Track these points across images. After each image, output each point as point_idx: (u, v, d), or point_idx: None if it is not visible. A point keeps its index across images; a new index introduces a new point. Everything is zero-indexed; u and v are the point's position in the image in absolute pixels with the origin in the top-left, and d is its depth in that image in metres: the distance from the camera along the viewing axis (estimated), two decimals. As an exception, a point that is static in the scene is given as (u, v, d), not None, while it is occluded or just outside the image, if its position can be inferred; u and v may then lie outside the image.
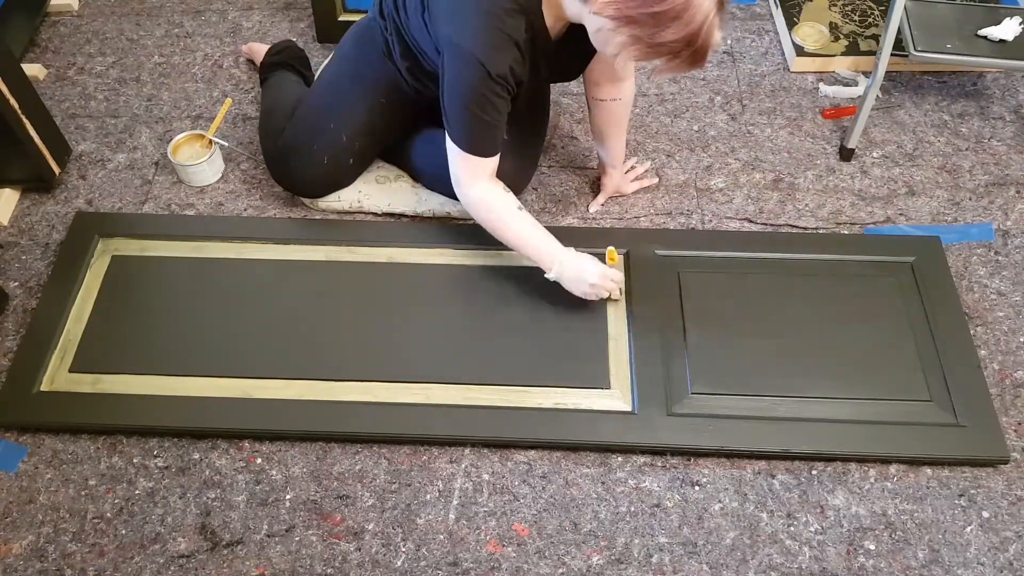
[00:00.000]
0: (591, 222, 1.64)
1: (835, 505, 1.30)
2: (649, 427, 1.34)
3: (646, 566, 1.24)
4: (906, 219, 1.65)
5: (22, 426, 1.39)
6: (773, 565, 1.24)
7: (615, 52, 1.17)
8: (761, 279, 1.51)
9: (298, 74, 1.81)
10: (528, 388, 1.39)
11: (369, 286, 1.52)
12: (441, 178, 1.46)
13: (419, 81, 1.46)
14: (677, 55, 1.13)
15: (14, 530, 1.29)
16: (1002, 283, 1.55)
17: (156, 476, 1.34)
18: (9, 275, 1.58)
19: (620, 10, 1.11)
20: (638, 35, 1.12)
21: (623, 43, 1.15)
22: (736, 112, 1.84)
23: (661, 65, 1.16)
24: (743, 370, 1.40)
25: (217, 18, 2.07)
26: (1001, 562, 1.24)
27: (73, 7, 2.07)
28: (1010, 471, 1.33)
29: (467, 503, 1.30)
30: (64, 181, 1.72)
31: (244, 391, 1.38)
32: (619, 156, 1.62)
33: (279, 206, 1.67)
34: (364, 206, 1.63)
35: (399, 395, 1.38)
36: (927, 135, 1.79)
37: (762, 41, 1.99)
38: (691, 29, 1.09)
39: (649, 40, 1.12)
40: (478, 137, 1.33)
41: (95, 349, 1.44)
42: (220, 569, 1.24)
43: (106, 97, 1.89)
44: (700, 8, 1.08)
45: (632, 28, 1.12)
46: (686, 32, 1.09)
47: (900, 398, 1.37)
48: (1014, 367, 1.44)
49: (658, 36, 1.10)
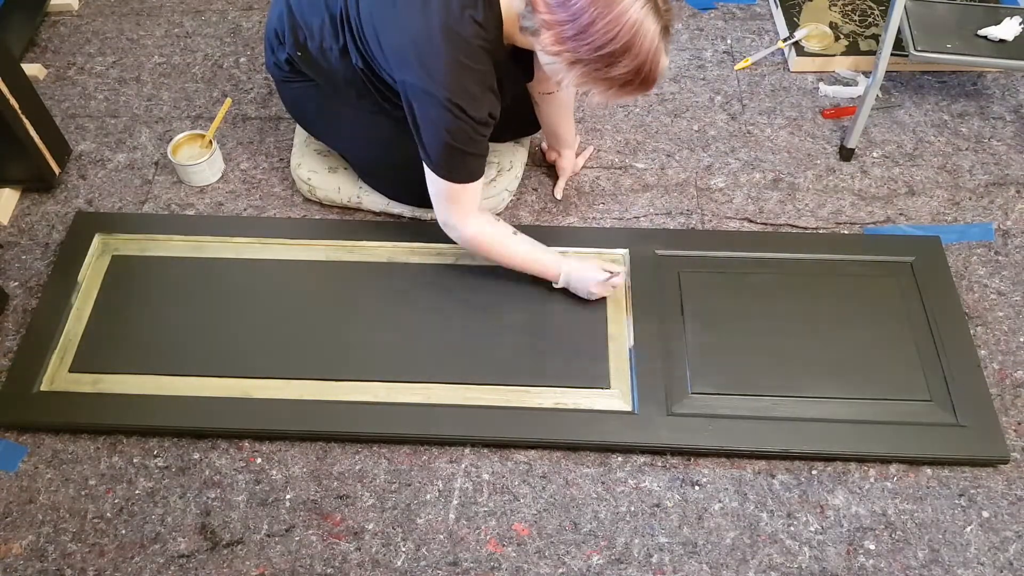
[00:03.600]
0: (591, 222, 1.64)
1: (835, 505, 1.30)
2: (649, 427, 1.34)
3: (646, 566, 1.24)
4: (906, 219, 1.64)
5: (22, 426, 1.39)
6: (773, 565, 1.24)
7: (567, 84, 1.19)
8: (761, 279, 1.51)
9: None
10: (528, 388, 1.39)
11: (369, 286, 1.52)
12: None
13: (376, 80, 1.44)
14: (628, 84, 1.15)
15: (14, 530, 1.29)
16: (1002, 283, 1.55)
17: (156, 476, 1.34)
18: (9, 275, 1.58)
19: (569, 56, 1.13)
20: (588, 72, 1.14)
21: (574, 78, 1.17)
22: (736, 112, 1.84)
23: (611, 93, 1.17)
24: (743, 370, 1.40)
25: (217, 18, 2.07)
26: (1001, 562, 1.24)
27: (73, 7, 2.08)
28: (1010, 471, 1.33)
29: (467, 503, 1.30)
30: (64, 181, 1.72)
31: (244, 391, 1.38)
32: (572, 137, 1.65)
33: (279, 206, 1.67)
34: (364, 203, 1.63)
35: (399, 395, 1.38)
36: (927, 135, 1.79)
37: (762, 41, 1.99)
38: (639, 61, 1.12)
39: (599, 76, 1.14)
40: (461, 167, 1.32)
41: (95, 349, 1.44)
42: (220, 569, 1.24)
43: (106, 97, 1.89)
44: (645, 38, 1.10)
45: (581, 67, 1.14)
46: (635, 64, 1.12)
47: (900, 398, 1.37)
48: (1014, 367, 1.44)
49: (608, 72, 1.13)
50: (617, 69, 1.12)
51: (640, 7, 1.09)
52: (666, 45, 1.14)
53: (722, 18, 2.05)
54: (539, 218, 1.65)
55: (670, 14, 1.14)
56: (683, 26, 2.03)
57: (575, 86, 1.18)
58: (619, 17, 1.08)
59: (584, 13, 1.09)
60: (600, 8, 1.08)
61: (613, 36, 1.09)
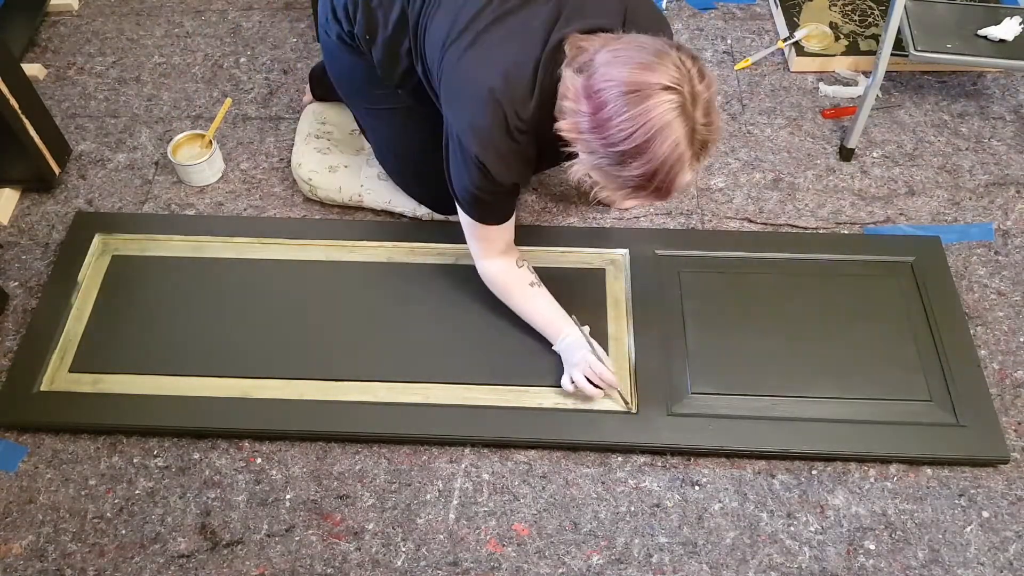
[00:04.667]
0: (591, 222, 1.64)
1: (835, 505, 1.30)
2: (649, 427, 1.34)
3: (646, 566, 1.24)
4: (906, 219, 1.64)
5: (22, 426, 1.39)
6: (773, 565, 1.24)
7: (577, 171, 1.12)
8: (761, 279, 1.51)
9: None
10: (528, 388, 1.39)
11: (369, 286, 1.52)
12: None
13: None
14: (639, 189, 1.06)
15: (14, 530, 1.29)
16: (1002, 283, 1.55)
17: (156, 476, 1.34)
18: (9, 275, 1.58)
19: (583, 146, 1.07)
20: (599, 166, 1.07)
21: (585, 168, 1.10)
22: (736, 112, 1.84)
23: (620, 193, 1.10)
24: (743, 370, 1.40)
25: (217, 18, 2.07)
26: (1001, 562, 1.24)
27: (73, 7, 2.08)
28: (1010, 471, 1.33)
29: (467, 503, 1.30)
30: (64, 181, 1.72)
31: (244, 391, 1.38)
32: None
33: (279, 206, 1.67)
34: (365, 201, 1.63)
35: (399, 395, 1.38)
36: (927, 135, 1.79)
37: (762, 41, 1.99)
38: (653, 166, 1.02)
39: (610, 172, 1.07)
40: (487, 211, 1.31)
41: (95, 349, 1.44)
42: (220, 569, 1.24)
43: (106, 97, 1.89)
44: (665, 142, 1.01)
45: (595, 159, 1.07)
46: (648, 169, 1.03)
47: (900, 398, 1.37)
48: (1014, 367, 1.44)
49: (619, 171, 1.05)
50: (629, 170, 1.03)
51: (668, 109, 1.00)
52: (694, 157, 1.04)
53: (722, 18, 2.05)
54: (539, 218, 1.65)
55: (710, 129, 1.03)
56: (683, 26, 2.03)
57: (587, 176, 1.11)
58: (640, 115, 1.00)
59: (607, 106, 1.02)
60: (624, 103, 1.00)
61: (629, 134, 1.01)
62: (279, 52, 1.98)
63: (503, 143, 1.20)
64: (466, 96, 1.19)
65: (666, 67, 1.01)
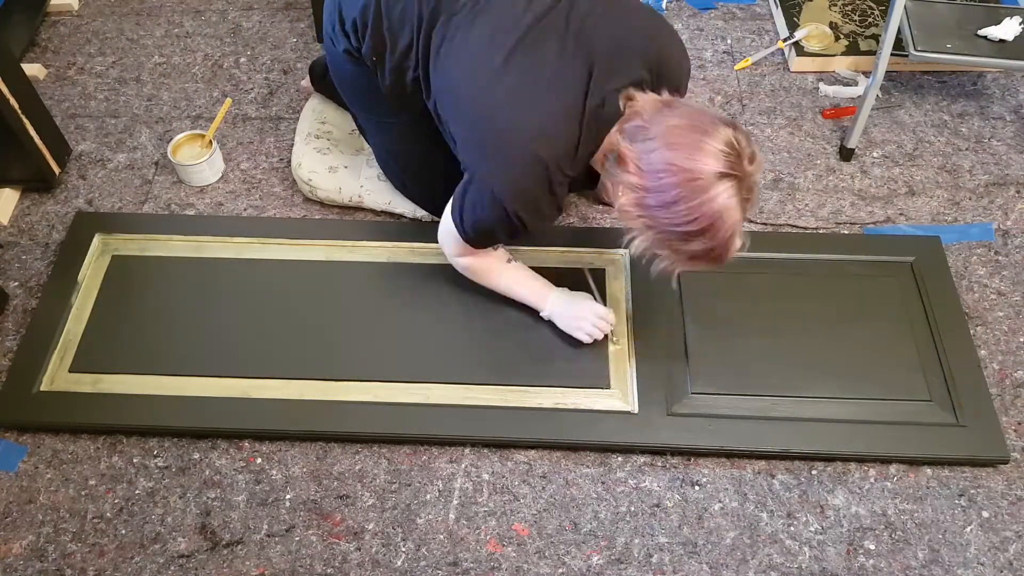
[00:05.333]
0: (591, 222, 1.64)
1: (835, 505, 1.30)
2: (649, 427, 1.34)
3: (646, 566, 1.24)
4: (906, 219, 1.64)
5: (22, 426, 1.39)
6: (773, 565, 1.24)
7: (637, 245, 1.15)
8: (761, 279, 1.51)
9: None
10: (528, 388, 1.39)
11: (369, 286, 1.52)
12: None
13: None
14: (696, 259, 1.12)
15: (14, 530, 1.29)
16: (1002, 283, 1.55)
17: (156, 476, 1.34)
18: (9, 275, 1.58)
19: (646, 221, 1.11)
20: (661, 239, 1.12)
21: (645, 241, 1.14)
22: (736, 112, 1.84)
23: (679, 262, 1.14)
24: (743, 370, 1.40)
25: (217, 18, 2.07)
26: (1001, 562, 1.24)
27: (73, 7, 2.07)
28: (1010, 471, 1.33)
29: (467, 503, 1.30)
30: (64, 181, 1.72)
31: (244, 391, 1.38)
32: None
33: (279, 206, 1.67)
34: (365, 202, 1.63)
35: (399, 395, 1.38)
36: (927, 135, 1.79)
37: (762, 41, 1.99)
38: (714, 243, 1.09)
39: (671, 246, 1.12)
40: (488, 241, 1.34)
41: (95, 349, 1.44)
42: (220, 569, 1.24)
43: (106, 97, 1.89)
44: (725, 224, 1.07)
45: (655, 233, 1.12)
46: (710, 245, 1.09)
47: (900, 398, 1.37)
48: (1014, 367, 1.44)
49: (681, 246, 1.11)
50: (691, 246, 1.10)
51: (728, 196, 1.06)
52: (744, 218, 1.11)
53: (722, 18, 2.05)
54: (539, 218, 1.65)
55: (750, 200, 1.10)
56: (683, 26, 2.03)
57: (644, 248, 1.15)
58: (705, 204, 1.06)
59: (671, 190, 1.06)
60: (688, 191, 1.06)
61: (694, 218, 1.07)
62: (279, 52, 1.98)
63: (544, 199, 1.25)
64: (505, 154, 1.21)
65: (720, 147, 1.06)
